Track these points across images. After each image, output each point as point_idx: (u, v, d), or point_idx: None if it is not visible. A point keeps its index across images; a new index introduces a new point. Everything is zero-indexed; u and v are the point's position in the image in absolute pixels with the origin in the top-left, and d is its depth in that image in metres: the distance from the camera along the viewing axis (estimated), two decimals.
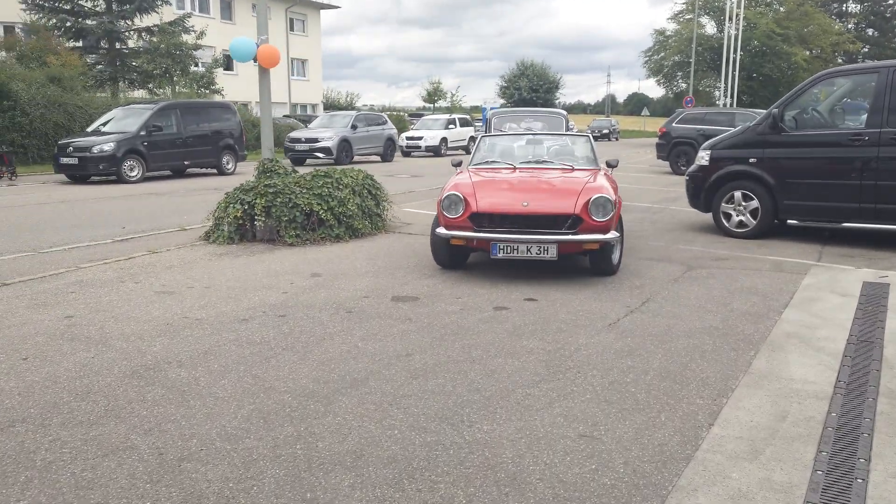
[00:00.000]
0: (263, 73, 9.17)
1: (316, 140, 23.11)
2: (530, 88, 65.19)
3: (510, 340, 4.70)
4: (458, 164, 7.68)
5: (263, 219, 8.10)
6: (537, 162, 7.49)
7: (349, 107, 54.85)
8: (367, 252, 7.71)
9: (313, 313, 5.30)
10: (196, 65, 29.64)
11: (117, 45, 28.51)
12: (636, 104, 79.51)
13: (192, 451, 3.12)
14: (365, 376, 4.03)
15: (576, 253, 6.45)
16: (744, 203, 8.74)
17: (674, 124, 21.02)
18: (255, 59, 8.84)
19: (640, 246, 8.19)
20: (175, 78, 27.14)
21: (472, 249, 6.59)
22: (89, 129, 18.19)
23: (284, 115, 37.81)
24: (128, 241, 8.79)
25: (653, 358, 4.37)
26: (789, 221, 8.75)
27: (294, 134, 24.12)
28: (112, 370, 4.10)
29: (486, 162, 7.61)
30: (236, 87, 46.19)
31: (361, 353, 4.41)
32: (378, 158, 25.69)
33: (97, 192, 14.52)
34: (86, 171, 16.27)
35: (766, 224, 8.63)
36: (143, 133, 17.08)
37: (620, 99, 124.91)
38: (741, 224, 8.82)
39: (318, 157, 23.02)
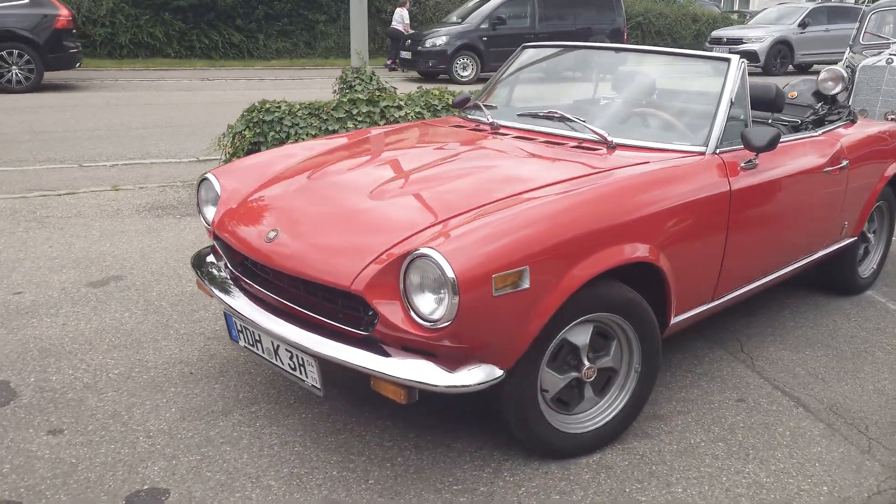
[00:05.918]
0: None
1: (739, 41, 17.70)
2: None
3: None
4: (464, 103, 3.58)
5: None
6: (553, 119, 2.97)
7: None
8: None
9: None
10: None
11: None
12: None
13: None
14: None
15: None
16: None
17: None
18: None
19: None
20: None
21: None
22: (447, 19, 16.57)
23: (764, 9, 30.98)
24: (204, 162, 6.89)
25: None
26: None
27: (716, 33, 18.98)
28: None
29: (488, 105, 3.38)
30: None
31: None
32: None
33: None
34: (416, 66, 14.78)
35: None
36: (484, 26, 14.76)
37: None
38: None
39: None
